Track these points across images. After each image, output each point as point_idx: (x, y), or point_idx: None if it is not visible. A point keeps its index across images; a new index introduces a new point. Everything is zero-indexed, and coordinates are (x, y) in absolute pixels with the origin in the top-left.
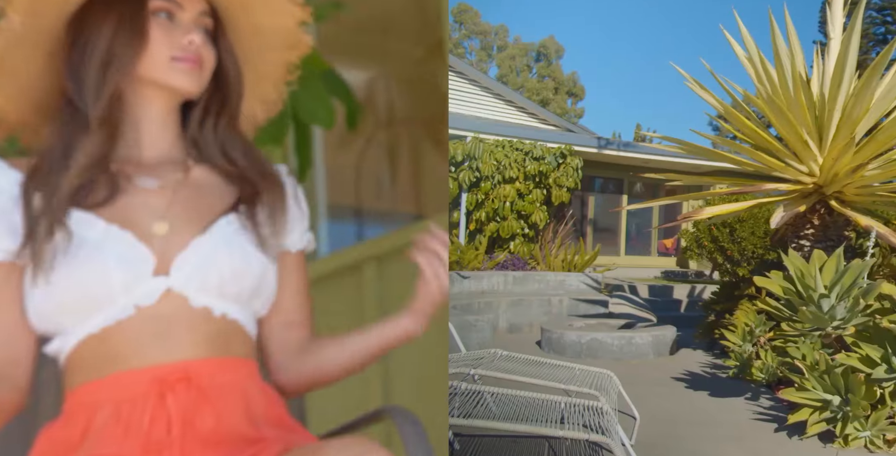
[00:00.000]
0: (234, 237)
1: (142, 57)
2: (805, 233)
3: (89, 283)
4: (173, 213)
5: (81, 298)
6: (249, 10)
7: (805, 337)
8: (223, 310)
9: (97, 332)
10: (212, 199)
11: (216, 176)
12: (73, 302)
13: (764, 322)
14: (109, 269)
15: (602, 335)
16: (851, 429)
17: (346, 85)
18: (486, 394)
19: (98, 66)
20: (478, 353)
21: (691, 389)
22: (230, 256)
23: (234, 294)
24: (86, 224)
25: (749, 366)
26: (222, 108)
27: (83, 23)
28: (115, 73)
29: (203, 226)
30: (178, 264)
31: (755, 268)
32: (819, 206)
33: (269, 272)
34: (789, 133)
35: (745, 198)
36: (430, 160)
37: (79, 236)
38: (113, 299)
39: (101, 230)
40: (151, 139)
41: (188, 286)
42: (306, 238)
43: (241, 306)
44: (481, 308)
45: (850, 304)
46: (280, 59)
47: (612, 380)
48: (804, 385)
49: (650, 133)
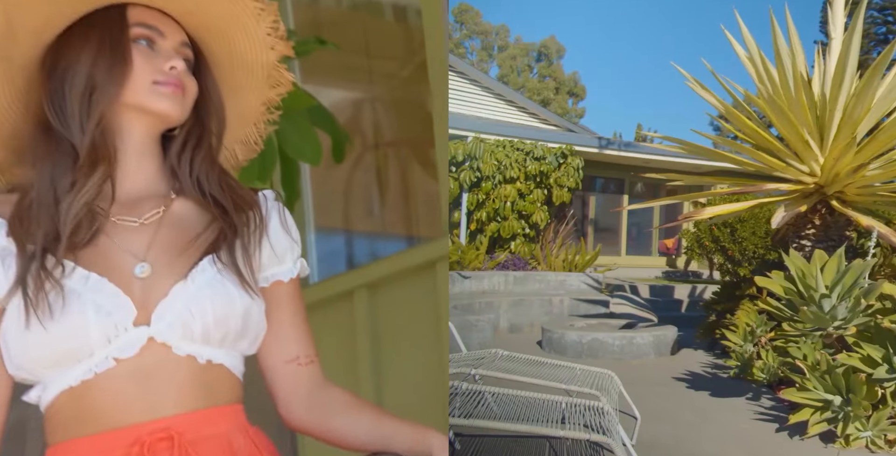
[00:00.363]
0: (215, 280)
1: (125, 83)
2: (806, 233)
3: (68, 335)
4: (154, 255)
5: (59, 350)
6: (230, 42)
7: (806, 337)
8: (208, 356)
9: (76, 384)
10: (192, 235)
11: (195, 210)
12: (50, 354)
13: (765, 322)
14: (88, 320)
15: (603, 335)
16: (853, 429)
17: (331, 118)
18: (487, 394)
19: (81, 94)
20: (479, 353)
21: (692, 389)
22: (213, 300)
23: (218, 339)
24: (64, 270)
25: (750, 366)
26: (201, 141)
27: (60, 52)
28: (100, 101)
29: (184, 269)
30: (159, 313)
31: (756, 268)
32: (820, 206)
33: (253, 310)
34: (790, 133)
35: (745, 198)
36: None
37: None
38: (92, 351)
39: (80, 278)
40: (132, 171)
41: (171, 335)
42: (299, 265)
43: (227, 350)
44: (482, 308)
45: (851, 304)
46: (261, 97)
47: (612, 380)
48: (805, 385)
49: (651, 133)
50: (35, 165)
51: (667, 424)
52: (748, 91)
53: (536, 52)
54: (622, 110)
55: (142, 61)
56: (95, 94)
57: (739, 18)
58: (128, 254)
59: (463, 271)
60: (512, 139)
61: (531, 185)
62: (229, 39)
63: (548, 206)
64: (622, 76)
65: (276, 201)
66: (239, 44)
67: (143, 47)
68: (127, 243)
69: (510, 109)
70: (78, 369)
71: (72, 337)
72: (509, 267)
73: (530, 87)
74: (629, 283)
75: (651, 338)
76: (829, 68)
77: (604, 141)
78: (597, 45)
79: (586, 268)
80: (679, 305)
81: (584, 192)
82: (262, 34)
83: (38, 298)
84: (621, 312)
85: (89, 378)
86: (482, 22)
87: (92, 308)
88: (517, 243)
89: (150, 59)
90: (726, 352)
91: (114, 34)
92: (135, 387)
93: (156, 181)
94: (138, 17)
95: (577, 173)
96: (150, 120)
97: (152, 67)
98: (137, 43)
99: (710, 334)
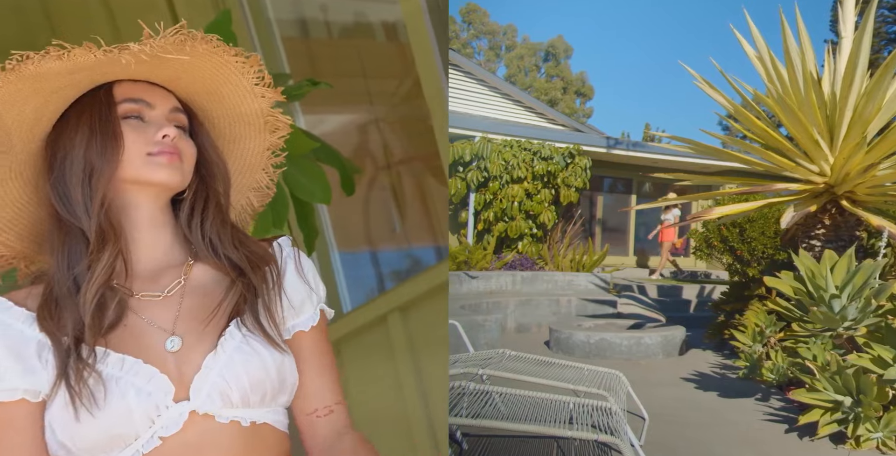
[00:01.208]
0: (244, 344)
1: (120, 162)
2: (816, 233)
3: (113, 422)
4: (182, 327)
5: (107, 436)
6: (220, 99)
7: (816, 338)
8: (251, 418)
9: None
10: (215, 302)
11: (214, 274)
12: (98, 441)
13: (774, 322)
14: (130, 404)
15: (611, 335)
16: (863, 430)
17: (336, 153)
18: (494, 394)
19: (81, 180)
20: (486, 353)
21: (701, 389)
22: (245, 365)
23: (258, 401)
24: (98, 356)
25: (759, 366)
26: (208, 203)
27: (58, 142)
28: (99, 183)
29: (213, 338)
30: (196, 386)
31: (765, 268)
32: (830, 205)
33: (286, 365)
34: (800, 132)
35: (755, 198)
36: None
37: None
38: (137, 434)
39: (116, 362)
40: (148, 244)
41: (211, 406)
42: (319, 312)
43: (268, 408)
44: (489, 308)
45: (861, 304)
46: (263, 144)
47: (620, 380)
48: (815, 386)
49: (659, 133)
50: (52, 255)
51: (675, 424)
52: (757, 90)
53: (544, 52)
54: (630, 110)
55: (133, 136)
56: (94, 177)
57: (749, 17)
58: (157, 329)
59: (470, 271)
60: (519, 139)
61: (539, 185)
62: (219, 96)
63: (555, 206)
64: (630, 76)
65: (291, 248)
66: (229, 98)
67: (133, 122)
68: (154, 318)
69: (517, 109)
70: (125, 453)
71: (117, 423)
72: (517, 267)
73: (538, 86)
74: (637, 283)
75: (659, 338)
76: (840, 67)
77: (612, 141)
78: (604, 45)
79: (594, 268)
80: (687, 306)
81: (591, 192)
82: (250, 85)
83: (80, 389)
84: (629, 313)
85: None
86: (489, 22)
87: (132, 391)
88: (525, 243)
89: (141, 132)
90: (735, 352)
91: (102, 115)
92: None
93: (172, 250)
94: (125, 92)
95: (585, 173)
96: (153, 191)
97: (144, 140)
98: (128, 119)
99: (718, 335)
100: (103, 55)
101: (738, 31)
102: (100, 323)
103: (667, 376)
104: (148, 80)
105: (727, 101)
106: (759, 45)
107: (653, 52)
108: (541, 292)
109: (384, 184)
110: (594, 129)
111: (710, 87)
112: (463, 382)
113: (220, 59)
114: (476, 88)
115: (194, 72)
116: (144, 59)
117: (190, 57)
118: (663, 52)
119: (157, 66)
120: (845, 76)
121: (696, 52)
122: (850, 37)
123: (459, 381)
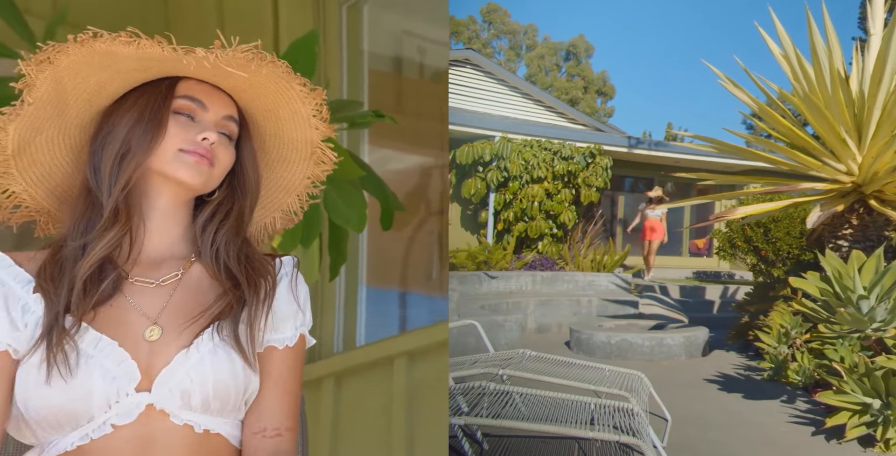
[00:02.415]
0: (219, 348)
1: (154, 150)
2: (843, 233)
3: (71, 398)
4: (165, 318)
5: (64, 411)
6: (277, 120)
7: (843, 339)
8: (206, 426)
9: (72, 449)
10: (204, 303)
11: (210, 278)
12: (49, 416)
13: (800, 324)
14: (94, 384)
15: (632, 336)
16: (893, 433)
17: (382, 185)
18: (514, 394)
19: (113, 158)
20: (506, 353)
21: (724, 390)
22: (214, 370)
23: (217, 409)
24: (79, 331)
25: (784, 368)
26: (229, 215)
27: (108, 118)
28: (129, 165)
29: (190, 337)
30: (161, 379)
31: (791, 268)
32: (858, 205)
33: (252, 380)
34: (827, 131)
35: (780, 197)
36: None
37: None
38: (92, 416)
39: (92, 340)
40: (157, 232)
41: (170, 403)
42: (298, 335)
43: (225, 419)
44: (509, 308)
45: (890, 305)
46: (305, 172)
47: (642, 381)
48: (843, 388)
49: (682, 132)
50: (71, 219)
51: (699, 426)
52: (782, 89)
53: (565, 51)
54: (652, 109)
55: (175, 131)
56: (126, 159)
57: (774, 15)
58: (141, 315)
59: (490, 271)
60: (539, 139)
61: (559, 184)
62: (276, 117)
63: (576, 206)
64: (652, 75)
65: (292, 268)
66: (285, 122)
67: (182, 119)
68: (142, 304)
69: (538, 109)
70: (75, 434)
71: (76, 400)
72: (537, 267)
73: (558, 86)
74: (659, 283)
75: (681, 339)
76: (868, 65)
77: (633, 140)
78: (626, 44)
79: (615, 268)
80: (710, 306)
81: (612, 192)
82: (308, 115)
83: (56, 356)
84: (651, 313)
85: (85, 444)
86: (510, 21)
87: (99, 372)
88: (545, 243)
89: (185, 129)
90: (759, 354)
91: (156, 104)
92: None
93: (178, 243)
94: (186, 89)
95: (606, 173)
96: (175, 187)
97: (184, 137)
98: (178, 114)
99: (742, 336)
100: (170, 52)
101: (763, 29)
102: (91, 294)
103: (690, 378)
104: (214, 83)
105: (752, 99)
106: (785, 42)
107: (675, 50)
108: (561, 293)
109: (433, 229)
110: (615, 128)
111: (734, 85)
112: (483, 382)
113: (284, 83)
114: (496, 88)
115: (257, 88)
116: (206, 66)
117: (249, 75)
118: (686, 51)
119: (221, 75)
120: (874, 74)
121: (719, 51)
122: (880, 34)
123: (479, 381)
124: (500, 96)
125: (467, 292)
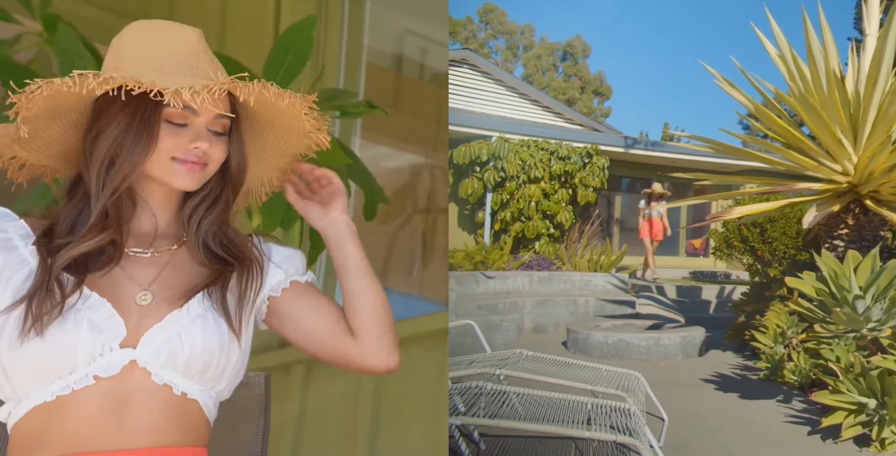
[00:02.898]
0: (209, 313)
1: (147, 158)
2: (839, 233)
3: (56, 348)
4: (157, 287)
5: (46, 361)
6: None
7: (839, 339)
8: (184, 388)
9: (51, 399)
10: (195, 276)
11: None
12: (36, 365)
13: (796, 323)
14: (80, 336)
15: (629, 336)
16: (888, 432)
17: (368, 175)
18: (511, 394)
19: (102, 159)
20: (503, 353)
21: (721, 390)
22: (203, 333)
23: (199, 371)
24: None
25: (781, 368)
26: (217, 201)
27: (101, 112)
28: (118, 173)
29: (181, 302)
30: (149, 337)
31: (787, 268)
32: (853, 205)
33: (234, 352)
34: (823, 131)
35: (776, 197)
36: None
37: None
38: (74, 367)
39: (83, 297)
40: (151, 216)
41: (153, 361)
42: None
43: (203, 387)
44: (506, 308)
45: (886, 305)
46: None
47: (639, 381)
48: (838, 388)
49: (678, 132)
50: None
51: (695, 426)
52: (779, 89)
53: (562, 52)
54: (649, 109)
55: (168, 139)
56: (116, 165)
57: (770, 15)
58: (133, 283)
59: (487, 271)
60: (536, 139)
61: (556, 184)
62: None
63: (572, 206)
64: (649, 75)
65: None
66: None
67: (174, 127)
68: (135, 273)
69: (535, 109)
70: (56, 385)
71: (60, 350)
72: (534, 267)
73: (555, 86)
74: (655, 283)
75: (678, 339)
76: (864, 65)
77: (630, 140)
78: (623, 44)
79: (611, 268)
80: (707, 306)
81: (609, 192)
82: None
83: (39, 311)
84: (647, 313)
85: (65, 394)
86: (507, 21)
87: (86, 324)
88: (541, 243)
89: (177, 137)
90: (756, 353)
91: (145, 114)
92: (107, 410)
93: (171, 225)
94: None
95: (603, 173)
96: (167, 187)
97: (175, 145)
98: (171, 122)
99: (739, 336)
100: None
101: (759, 29)
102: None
103: (686, 377)
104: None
105: (748, 99)
106: (781, 43)
107: (672, 50)
108: (558, 293)
109: (417, 227)
110: (612, 128)
111: (730, 85)
112: (480, 381)
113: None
114: (493, 88)
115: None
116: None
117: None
118: (682, 51)
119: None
120: (869, 74)
121: (716, 51)
122: (875, 34)
123: (476, 381)
124: (497, 96)
125: (464, 292)
